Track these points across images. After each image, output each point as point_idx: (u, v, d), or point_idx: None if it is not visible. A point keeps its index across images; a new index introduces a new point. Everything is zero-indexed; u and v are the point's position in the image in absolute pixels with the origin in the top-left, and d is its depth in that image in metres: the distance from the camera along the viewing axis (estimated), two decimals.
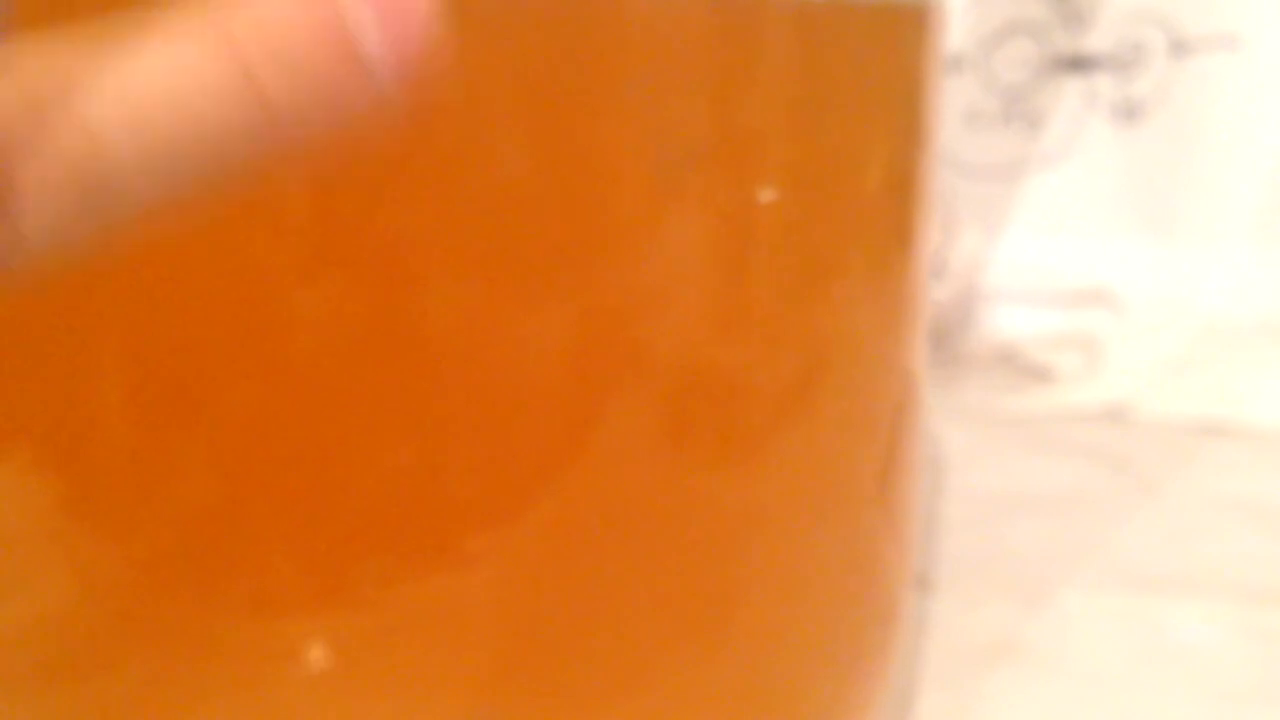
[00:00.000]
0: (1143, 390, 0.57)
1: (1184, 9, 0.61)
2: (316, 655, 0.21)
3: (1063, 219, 0.64)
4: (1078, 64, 0.64)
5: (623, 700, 0.23)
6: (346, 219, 0.20)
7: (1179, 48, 0.62)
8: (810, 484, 0.24)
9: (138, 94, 0.16)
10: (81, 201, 0.16)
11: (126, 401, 0.21)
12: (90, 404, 0.21)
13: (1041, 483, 0.47)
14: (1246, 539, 0.43)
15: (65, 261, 0.16)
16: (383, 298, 0.20)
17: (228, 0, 0.16)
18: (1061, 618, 0.37)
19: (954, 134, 0.65)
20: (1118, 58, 0.63)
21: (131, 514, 0.22)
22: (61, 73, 0.16)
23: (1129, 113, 0.63)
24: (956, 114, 0.65)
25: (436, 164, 0.20)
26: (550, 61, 0.19)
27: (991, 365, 0.60)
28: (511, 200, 0.20)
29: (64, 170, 0.16)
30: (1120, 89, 0.63)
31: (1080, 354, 0.60)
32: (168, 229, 0.17)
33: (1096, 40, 0.63)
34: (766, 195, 0.21)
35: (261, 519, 0.21)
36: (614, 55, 0.19)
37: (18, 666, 0.23)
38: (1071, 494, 0.46)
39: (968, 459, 0.48)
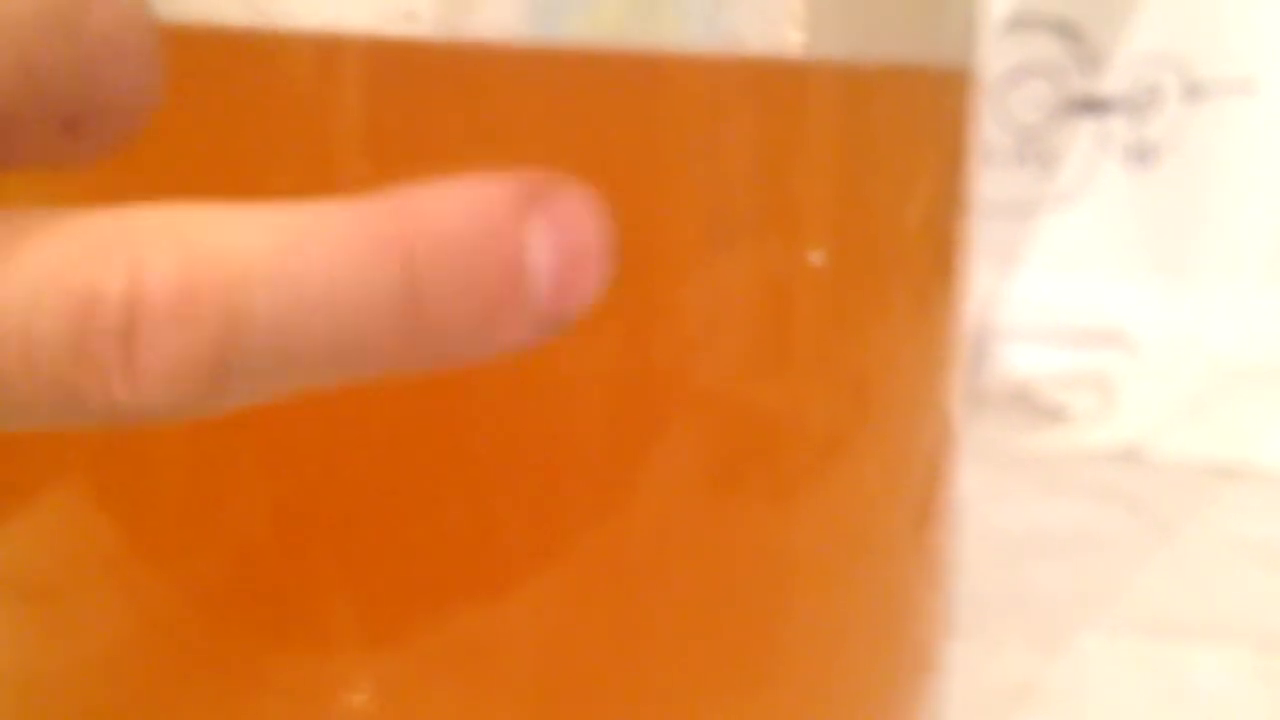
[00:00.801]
0: (1157, 431, 0.57)
1: (1199, 53, 0.62)
2: (364, 694, 0.22)
3: (1076, 259, 0.64)
4: (1092, 106, 0.64)
5: None
6: None
7: (1193, 91, 0.62)
8: (850, 526, 0.25)
9: (297, 284, 0.15)
10: (210, 380, 0.15)
11: (183, 439, 0.21)
12: (148, 441, 0.21)
13: (1058, 524, 0.48)
14: (1261, 583, 0.43)
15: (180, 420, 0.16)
16: None
17: (412, 202, 0.16)
18: (1080, 662, 0.38)
19: None
20: (1132, 100, 0.63)
21: (187, 551, 0.22)
22: (224, 248, 0.15)
23: (1142, 155, 0.63)
24: None
25: None
26: (607, 128, 0.20)
27: (1006, 404, 0.61)
28: None
29: (203, 347, 0.15)
30: (1134, 131, 0.64)
31: (1094, 394, 0.60)
32: None
33: (1111, 82, 0.64)
34: (815, 256, 0.21)
35: (312, 557, 0.21)
36: (667, 122, 0.20)
37: (75, 704, 0.23)
38: (1087, 535, 0.47)
39: (985, 499, 0.49)
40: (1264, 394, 0.58)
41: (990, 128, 0.65)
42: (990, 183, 0.65)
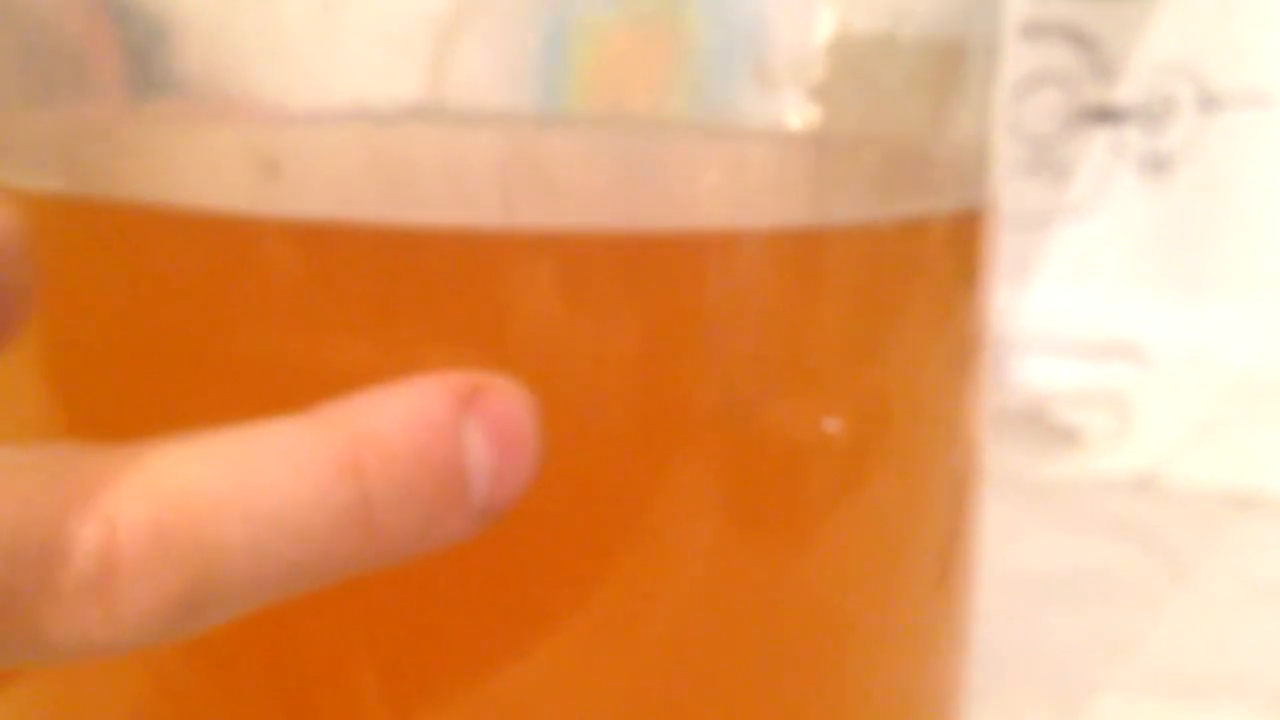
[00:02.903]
0: (1173, 456, 0.57)
1: (1214, 63, 0.61)
2: None
3: (1090, 271, 0.64)
4: (1106, 115, 0.63)
5: None
6: None
7: (1209, 102, 0.61)
8: (870, 567, 0.24)
9: (262, 515, 0.16)
10: (185, 613, 0.16)
11: None
12: None
13: (1073, 565, 0.47)
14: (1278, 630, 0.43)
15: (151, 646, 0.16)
16: None
17: (358, 417, 0.16)
18: None
19: None
20: (1147, 110, 0.63)
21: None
22: (191, 487, 0.16)
23: (1157, 165, 0.63)
24: None
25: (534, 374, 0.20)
26: (625, 303, 0.19)
27: (1020, 425, 0.60)
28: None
29: (178, 586, 0.16)
30: (1149, 141, 0.63)
31: (1109, 413, 0.60)
32: None
33: (1125, 92, 0.63)
34: (832, 424, 0.21)
35: (336, 632, 0.21)
36: (682, 297, 0.20)
37: None
38: (1103, 578, 0.46)
39: (999, 536, 0.48)
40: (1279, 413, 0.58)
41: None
42: (1004, 193, 0.64)
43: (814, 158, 0.22)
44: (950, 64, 0.22)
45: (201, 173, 0.20)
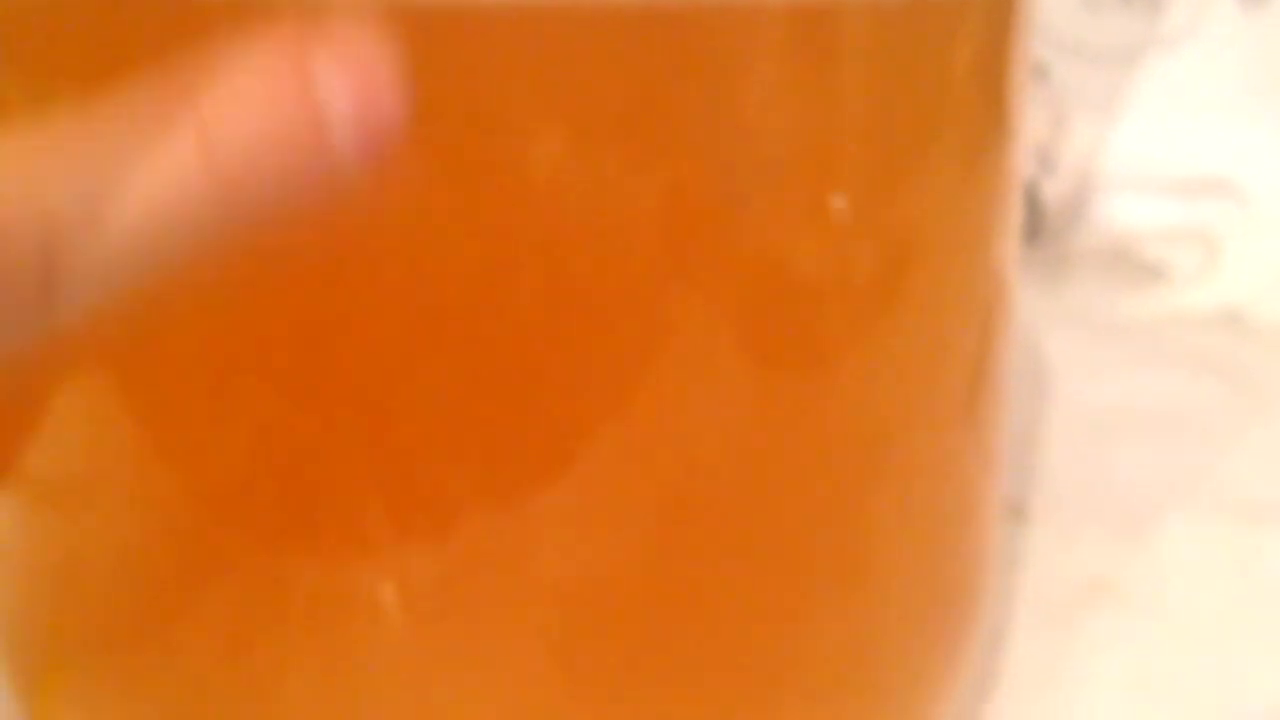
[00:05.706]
0: (1262, 291, 0.55)
1: None
2: (387, 597, 0.22)
3: (1184, 104, 0.61)
4: None
5: (698, 637, 0.23)
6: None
7: None
8: (893, 397, 0.24)
9: (116, 189, 0.16)
10: (42, 289, 0.16)
11: (208, 334, 0.21)
12: (172, 338, 0.21)
13: (1151, 397, 0.46)
14: None
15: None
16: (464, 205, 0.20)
17: (201, 81, 0.16)
18: (1165, 551, 0.36)
19: (1072, 16, 0.62)
20: None
21: (210, 448, 0.22)
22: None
23: None
24: None
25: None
26: (628, 76, 0.19)
27: (1103, 262, 0.59)
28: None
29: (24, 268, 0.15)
30: None
31: (1198, 249, 0.58)
32: None
33: None
34: (839, 201, 0.20)
35: (338, 455, 0.21)
36: (688, 72, 0.19)
37: (94, 614, 0.23)
38: (1182, 410, 0.45)
39: (1073, 369, 0.47)
40: None
41: None
42: (1095, 26, 0.62)
43: None
44: None
45: None
